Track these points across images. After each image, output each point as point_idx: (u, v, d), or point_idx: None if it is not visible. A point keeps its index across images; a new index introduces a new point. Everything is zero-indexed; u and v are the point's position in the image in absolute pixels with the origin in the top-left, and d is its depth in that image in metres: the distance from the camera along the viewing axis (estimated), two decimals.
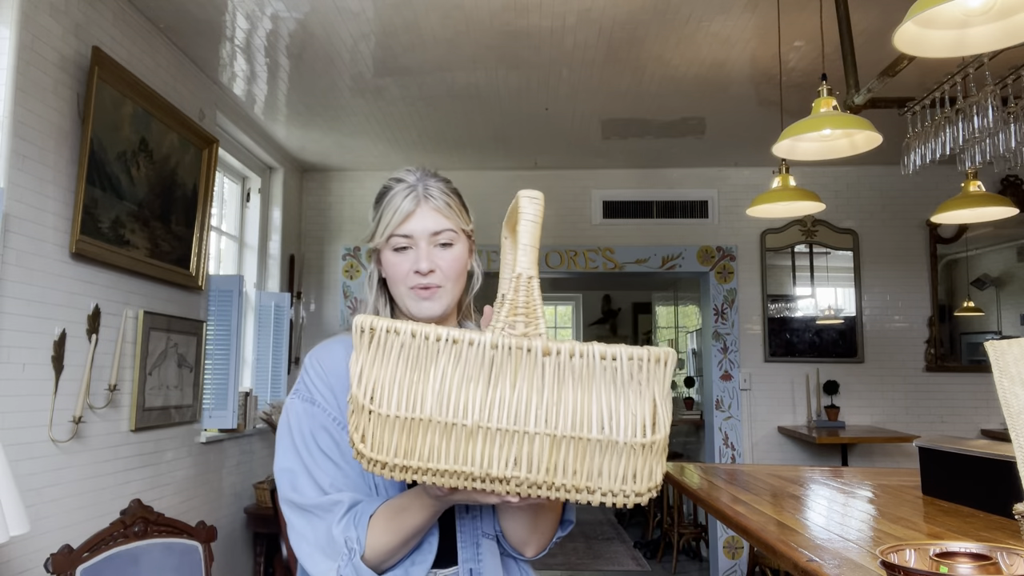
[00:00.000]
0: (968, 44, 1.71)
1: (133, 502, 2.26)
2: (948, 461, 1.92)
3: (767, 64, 3.52)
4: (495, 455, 0.85)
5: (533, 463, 0.85)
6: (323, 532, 1.07)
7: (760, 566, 4.08)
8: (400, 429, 0.86)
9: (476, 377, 0.86)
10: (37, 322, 2.42)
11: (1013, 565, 0.93)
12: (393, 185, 1.18)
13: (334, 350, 1.19)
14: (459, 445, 0.85)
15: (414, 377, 0.86)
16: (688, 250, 5.22)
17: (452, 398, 0.85)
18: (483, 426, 0.84)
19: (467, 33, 3.22)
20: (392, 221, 1.15)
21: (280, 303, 4.58)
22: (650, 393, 0.86)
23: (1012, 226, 4.49)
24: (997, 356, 1.01)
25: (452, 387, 0.85)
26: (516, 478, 0.85)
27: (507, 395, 0.85)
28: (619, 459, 0.85)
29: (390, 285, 1.21)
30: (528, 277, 0.89)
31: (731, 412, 5.10)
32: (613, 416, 0.85)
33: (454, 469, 0.85)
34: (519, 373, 0.86)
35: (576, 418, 0.85)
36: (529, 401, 0.85)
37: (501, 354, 0.86)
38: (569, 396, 0.85)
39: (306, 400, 1.15)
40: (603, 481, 0.86)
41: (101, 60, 2.66)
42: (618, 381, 0.86)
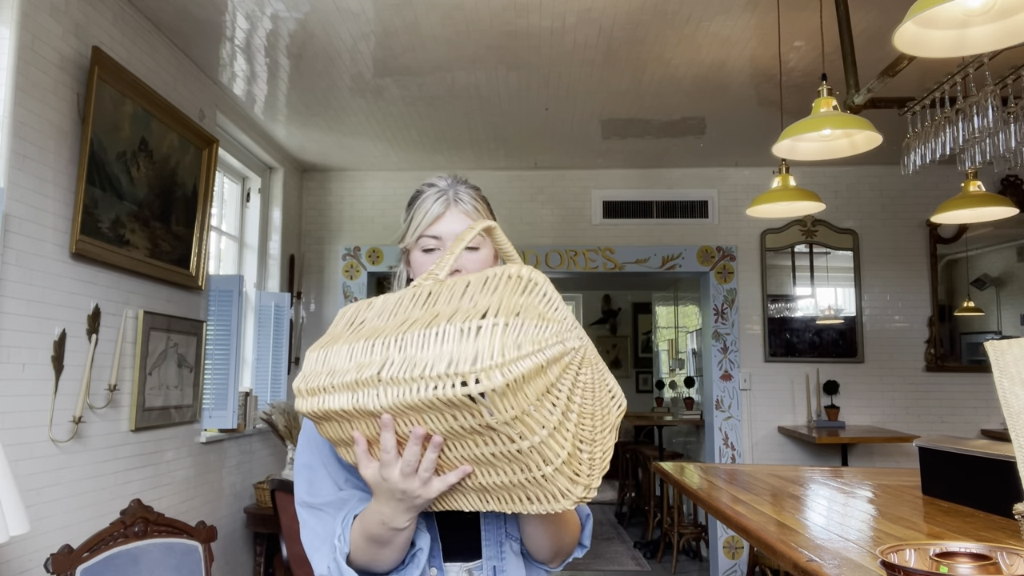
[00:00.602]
0: (968, 44, 1.71)
1: (133, 502, 2.26)
2: (948, 461, 1.92)
3: (767, 64, 3.52)
4: (379, 358, 0.91)
5: (407, 361, 0.89)
6: (329, 528, 1.11)
7: (760, 566, 4.08)
8: (322, 357, 0.97)
9: (385, 316, 0.98)
10: (37, 322, 2.43)
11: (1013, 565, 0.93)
12: (425, 189, 1.23)
13: None
14: (356, 354, 0.94)
15: (351, 333, 0.99)
16: (688, 250, 5.22)
17: (362, 331, 0.96)
18: (376, 338, 0.92)
19: (467, 33, 3.22)
20: (423, 222, 1.20)
21: (280, 303, 4.58)
22: (498, 295, 0.88)
23: (1012, 226, 4.49)
24: (997, 356, 1.01)
25: (367, 324, 0.98)
26: (393, 379, 0.89)
27: (401, 318, 0.94)
28: (466, 342, 0.86)
29: None
30: (462, 245, 1.05)
31: (731, 412, 5.10)
32: (463, 313, 0.90)
33: (353, 379, 0.91)
34: (413, 304, 0.96)
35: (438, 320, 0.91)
36: (410, 316, 0.94)
37: (410, 293, 0.98)
38: (442, 308, 0.93)
39: None
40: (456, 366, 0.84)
41: (101, 60, 2.66)
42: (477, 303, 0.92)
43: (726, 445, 5.09)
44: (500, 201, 5.26)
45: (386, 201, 5.31)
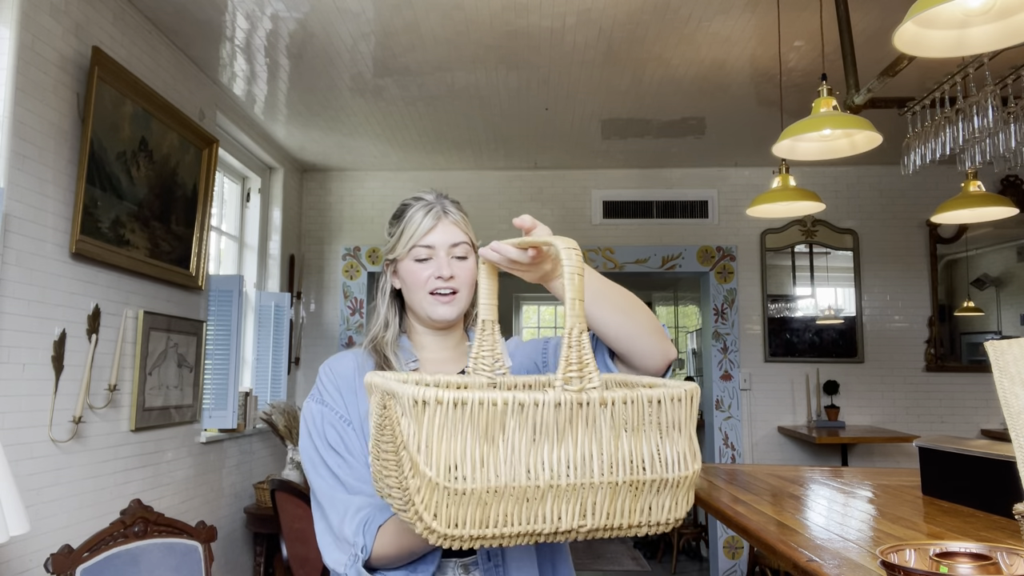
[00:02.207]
0: (968, 44, 1.71)
1: (133, 502, 2.26)
2: (948, 461, 1.92)
3: (767, 64, 3.52)
4: (564, 511, 0.88)
5: (597, 511, 0.89)
6: (336, 525, 1.18)
7: (760, 566, 4.09)
8: (476, 502, 0.86)
9: (543, 437, 0.88)
10: (37, 322, 2.43)
11: (1013, 565, 0.93)
12: (412, 203, 1.31)
13: (344, 358, 1.32)
14: (532, 507, 0.87)
15: (485, 447, 0.86)
16: (688, 250, 5.22)
17: (523, 462, 0.86)
18: (553, 485, 0.87)
19: (467, 33, 3.22)
20: (416, 233, 1.27)
21: (280, 303, 4.58)
22: (687, 430, 0.93)
23: (1012, 226, 4.49)
24: (997, 356, 1.01)
25: (522, 451, 0.87)
26: (582, 527, 0.89)
27: (572, 451, 0.88)
28: (666, 494, 0.92)
29: (408, 292, 1.31)
30: (579, 332, 0.91)
31: (731, 412, 5.10)
32: (661, 456, 0.91)
33: (526, 531, 0.88)
34: (580, 427, 0.89)
35: (633, 463, 0.90)
36: (591, 453, 0.89)
37: (564, 412, 0.88)
38: (624, 443, 0.90)
39: (318, 402, 1.28)
40: (652, 515, 0.92)
41: (101, 60, 2.66)
42: (663, 422, 0.92)
43: (726, 445, 5.09)
44: (500, 201, 5.26)
45: (386, 201, 5.31)
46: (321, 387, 1.29)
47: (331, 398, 1.27)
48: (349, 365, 1.30)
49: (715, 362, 5.14)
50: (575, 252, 0.92)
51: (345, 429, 1.24)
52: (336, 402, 1.26)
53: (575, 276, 0.90)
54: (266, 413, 4.16)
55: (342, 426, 1.24)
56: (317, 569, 3.28)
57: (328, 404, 1.27)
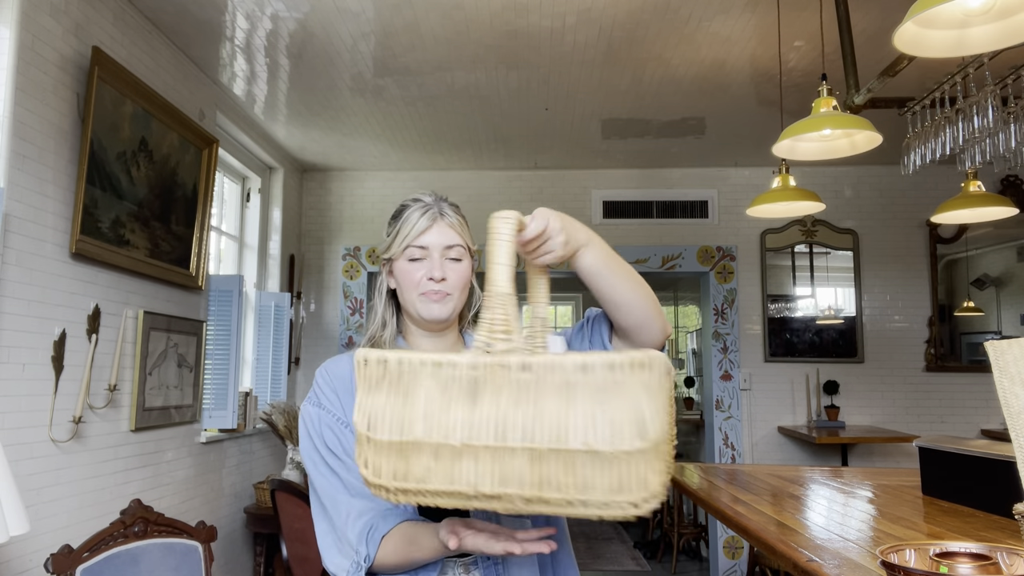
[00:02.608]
0: (968, 44, 1.71)
1: (133, 502, 2.26)
2: (948, 461, 1.92)
3: (767, 64, 3.52)
4: (482, 472, 0.87)
5: (520, 479, 0.86)
6: (339, 527, 1.20)
7: (760, 566, 4.09)
8: (395, 453, 0.89)
9: (460, 398, 0.88)
10: (37, 322, 2.43)
11: (1013, 565, 0.93)
12: (410, 204, 1.32)
13: (341, 361, 1.33)
14: (448, 465, 0.88)
15: (404, 403, 0.90)
16: (688, 250, 5.22)
17: (438, 420, 0.88)
18: (469, 444, 0.87)
19: (467, 33, 3.22)
20: (411, 233, 1.28)
21: (280, 303, 4.58)
22: (634, 399, 0.84)
23: (1012, 226, 4.49)
24: (997, 356, 1.01)
25: (437, 409, 0.88)
26: (507, 495, 0.87)
27: (489, 412, 0.87)
28: (606, 469, 0.84)
29: (402, 291, 1.31)
30: (503, 293, 0.92)
31: (731, 412, 5.10)
32: (594, 426, 0.84)
33: (447, 489, 0.88)
34: (501, 391, 0.87)
35: (557, 431, 0.85)
36: (508, 417, 0.86)
37: (482, 373, 0.88)
38: (551, 409, 0.86)
39: (315, 405, 1.29)
40: (594, 493, 0.85)
41: (101, 60, 2.66)
42: (600, 390, 0.85)
43: (726, 445, 5.09)
44: (500, 201, 5.26)
45: (386, 201, 5.30)
46: (318, 390, 1.30)
47: (328, 401, 1.28)
48: (346, 367, 1.31)
49: (715, 362, 5.14)
50: (503, 220, 0.96)
51: (343, 431, 1.25)
52: (333, 404, 1.27)
53: (500, 242, 0.95)
54: (266, 413, 4.16)
55: (339, 428, 1.26)
56: (317, 569, 3.28)
57: (325, 407, 1.28)
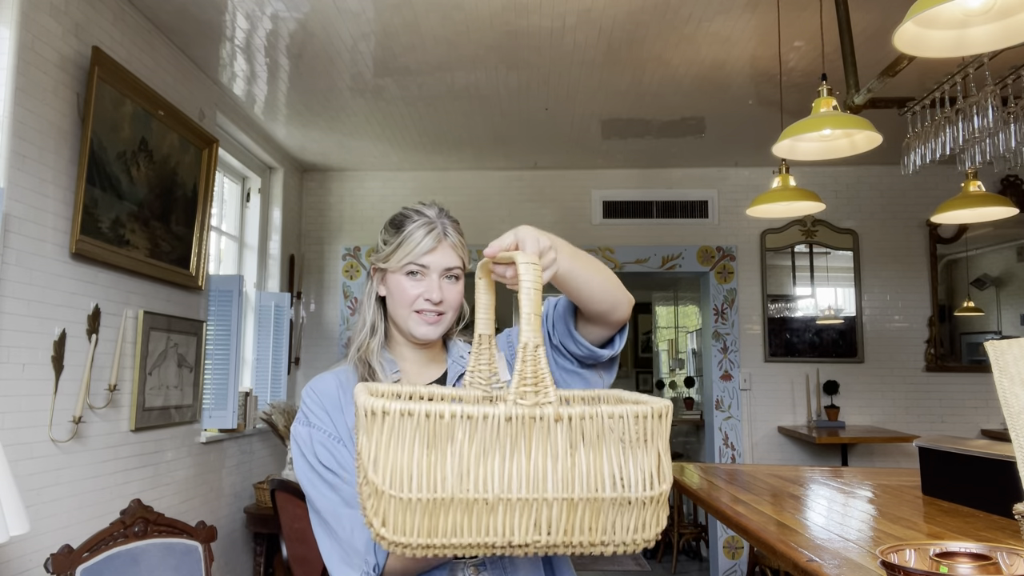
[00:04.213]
0: (968, 44, 1.71)
1: (133, 502, 2.26)
2: (948, 461, 1.92)
3: (767, 64, 3.52)
4: (516, 524, 0.87)
5: (552, 527, 0.88)
6: (345, 539, 1.19)
7: (760, 566, 4.09)
8: (422, 511, 0.86)
9: (493, 450, 0.87)
10: (37, 322, 2.42)
11: (1013, 565, 0.93)
12: (413, 216, 1.29)
13: (325, 378, 1.33)
14: (481, 518, 0.87)
15: (432, 457, 0.87)
16: (688, 250, 5.22)
17: (471, 474, 0.86)
18: (503, 498, 0.86)
19: (467, 33, 3.22)
20: (414, 251, 1.26)
21: (280, 303, 4.58)
22: (655, 447, 0.90)
23: (1012, 226, 4.49)
24: (997, 356, 1.01)
25: (471, 463, 0.87)
26: (536, 542, 0.88)
27: (524, 465, 0.87)
28: (631, 513, 0.89)
29: (394, 305, 1.31)
30: (534, 346, 0.91)
31: (731, 412, 5.10)
32: (623, 474, 0.89)
33: (477, 542, 0.87)
34: (533, 442, 0.88)
35: (590, 480, 0.88)
36: (545, 468, 0.87)
37: (515, 426, 0.87)
38: (582, 459, 0.88)
39: (305, 424, 1.28)
40: (616, 535, 0.89)
41: (101, 60, 2.66)
42: (626, 439, 0.89)
43: (726, 445, 5.09)
44: (500, 201, 5.26)
45: (386, 201, 5.31)
46: (306, 409, 1.30)
47: (317, 418, 1.27)
48: (331, 383, 1.31)
49: (715, 362, 5.13)
50: (533, 267, 0.93)
51: (335, 447, 1.25)
52: (323, 421, 1.27)
53: (532, 291, 0.92)
54: (266, 413, 4.16)
55: (332, 444, 1.25)
56: (317, 569, 3.28)
57: (315, 425, 1.27)
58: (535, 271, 0.93)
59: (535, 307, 0.92)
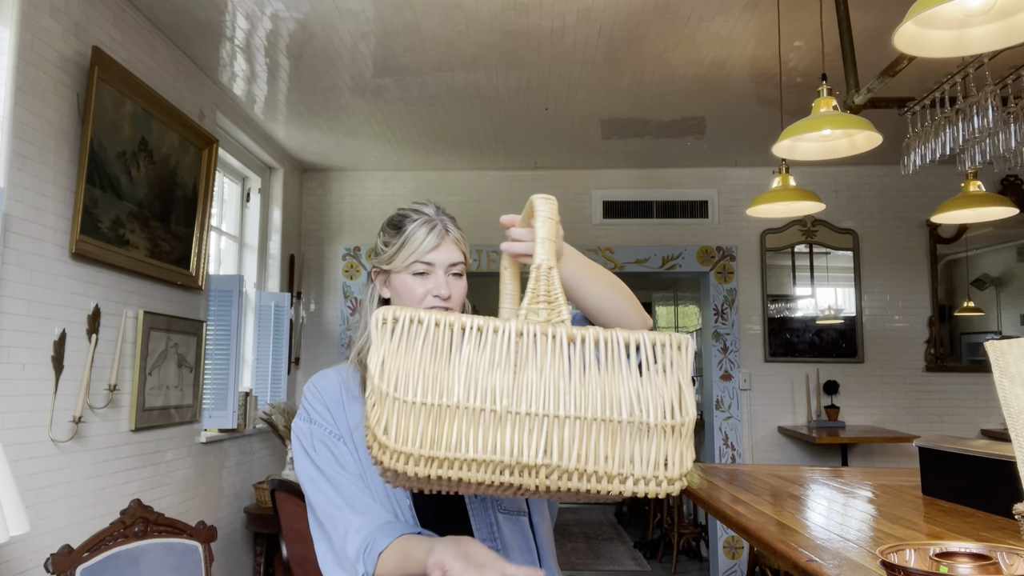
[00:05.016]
0: (968, 44, 1.71)
1: (133, 502, 2.26)
2: (948, 461, 1.92)
3: (767, 64, 3.52)
4: (525, 441, 0.83)
5: (564, 449, 0.83)
6: (338, 544, 1.19)
7: (760, 566, 4.09)
8: (426, 417, 0.83)
9: (503, 363, 0.84)
10: (37, 322, 2.42)
11: (1013, 565, 0.93)
12: (412, 215, 1.29)
13: (328, 375, 1.33)
14: (488, 432, 0.83)
15: (439, 365, 0.84)
16: (688, 250, 5.22)
17: (480, 384, 0.83)
18: (512, 411, 0.83)
19: (467, 33, 3.22)
20: (419, 249, 1.25)
21: (280, 303, 4.57)
22: (674, 378, 0.86)
23: (1012, 226, 4.49)
24: (997, 356, 1.01)
25: (479, 373, 0.84)
26: (547, 466, 0.83)
27: (535, 380, 0.84)
28: (650, 443, 0.85)
29: (401, 305, 1.29)
30: (548, 267, 0.91)
31: (731, 412, 5.10)
32: (641, 398, 0.85)
33: (483, 458, 0.82)
34: (545, 359, 0.85)
35: (605, 401, 0.84)
36: (557, 386, 0.84)
37: (526, 341, 0.85)
38: (595, 381, 0.85)
39: (307, 421, 1.28)
40: (636, 467, 0.85)
41: (101, 60, 2.66)
42: (645, 367, 0.86)
43: (726, 445, 5.09)
44: (500, 201, 5.26)
45: (386, 201, 5.30)
46: (308, 405, 1.29)
47: (319, 415, 1.27)
48: (333, 380, 1.31)
49: (715, 362, 5.13)
50: (547, 200, 0.97)
51: (336, 444, 1.25)
52: (324, 418, 1.27)
53: (547, 219, 0.95)
54: (266, 413, 4.16)
55: (332, 441, 1.25)
56: (317, 570, 3.28)
57: (316, 422, 1.27)
58: (550, 203, 0.97)
59: (550, 233, 0.94)
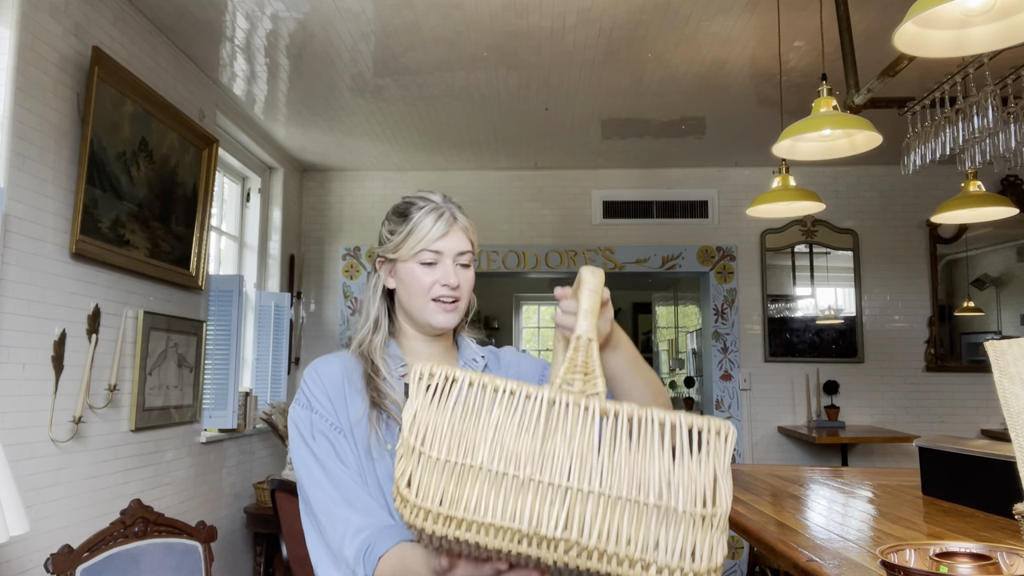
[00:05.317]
0: (968, 44, 1.71)
1: (133, 502, 2.26)
2: (948, 461, 1.92)
3: (767, 64, 3.52)
4: (546, 512, 0.79)
5: (586, 524, 0.79)
6: (335, 544, 1.12)
7: (760, 566, 4.08)
8: (450, 475, 0.81)
9: (531, 430, 0.82)
10: (37, 322, 2.42)
11: (1013, 565, 0.93)
12: (419, 203, 1.25)
13: (331, 362, 1.26)
14: (509, 498, 0.80)
15: (468, 424, 0.83)
16: (688, 250, 5.22)
17: (506, 448, 0.81)
18: (535, 479, 0.80)
19: (467, 33, 3.22)
20: (427, 237, 1.22)
21: (280, 303, 4.57)
22: (710, 465, 0.81)
23: (1012, 226, 4.49)
24: (997, 356, 1.01)
25: (506, 437, 0.82)
26: (566, 541, 0.79)
27: (562, 450, 0.81)
28: (677, 530, 0.80)
29: (408, 296, 1.26)
30: (588, 339, 0.90)
31: (731, 412, 5.09)
32: (672, 482, 0.80)
33: (501, 524, 0.79)
34: (575, 430, 0.82)
35: (633, 480, 0.80)
36: (584, 458, 0.80)
37: (558, 410, 0.83)
38: (625, 458, 0.81)
39: (307, 408, 1.21)
40: (660, 555, 0.79)
41: (101, 60, 2.66)
42: (680, 451, 0.82)
43: None
44: (500, 201, 5.26)
45: (386, 201, 5.29)
46: (308, 393, 1.22)
47: (320, 405, 1.21)
48: (336, 369, 1.24)
49: (715, 362, 5.13)
50: (596, 273, 0.96)
51: (336, 437, 1.19)
52: (325, 409, 1.21)
53: (591, 292, 0.94)
54: (266, 413, 4.16)
55: (333, 434, 1.19)
56: None
57: (317, 411, 1.20)
58: (597, 278, 0.95)
59: (593, 306, 0.93)
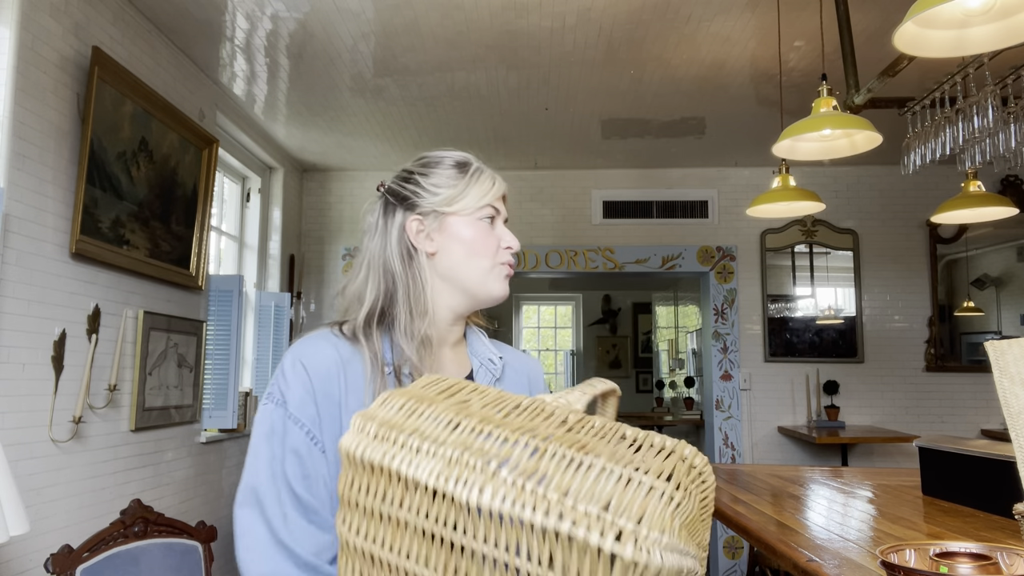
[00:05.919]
0: (968, 44, 1.71)
1: (133, 502, 2.26)
2: (948, 461, 1.92)
3: (767, 64, 3.52)
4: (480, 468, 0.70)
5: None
6: (287, 545, 0.92)
7: (760, 566, 4.08)
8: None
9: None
10: (37, 322, 2.42)
11: (1013, 565, 0.93)
12: (472, 161, 1.12)
13: (322, 349, 1.01)
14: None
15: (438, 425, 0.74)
16: (688, 250, 5.22)
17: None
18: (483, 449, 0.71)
19: (467, 33, 3.22)
20: (492, 192, 1.09)
21: (280, 303, 4.58)
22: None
23: (1012, 226, 4.49)
24: (997, 356, 1.01)
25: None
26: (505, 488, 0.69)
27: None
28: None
29: (467, 259, 1.07)
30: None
31: (731, 412, 5.10)
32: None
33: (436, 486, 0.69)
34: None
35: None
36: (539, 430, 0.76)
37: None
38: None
39: (279, 405, 0.97)
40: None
41: (101, 60, 2.66)
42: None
43: (726, 445, 5.09)
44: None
45: None
46: (285, 387, 0.97)
47: (299, 407, 0.96)
48: (329, 357, 0.99)
49: (715, 362, 5.13)
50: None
51: (312, 459, 0.95)
52: (306, 415, 0.96)
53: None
54: None
55: (308, 450, 0.95)
56: None
57: (294, 416, 0.96)
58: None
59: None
